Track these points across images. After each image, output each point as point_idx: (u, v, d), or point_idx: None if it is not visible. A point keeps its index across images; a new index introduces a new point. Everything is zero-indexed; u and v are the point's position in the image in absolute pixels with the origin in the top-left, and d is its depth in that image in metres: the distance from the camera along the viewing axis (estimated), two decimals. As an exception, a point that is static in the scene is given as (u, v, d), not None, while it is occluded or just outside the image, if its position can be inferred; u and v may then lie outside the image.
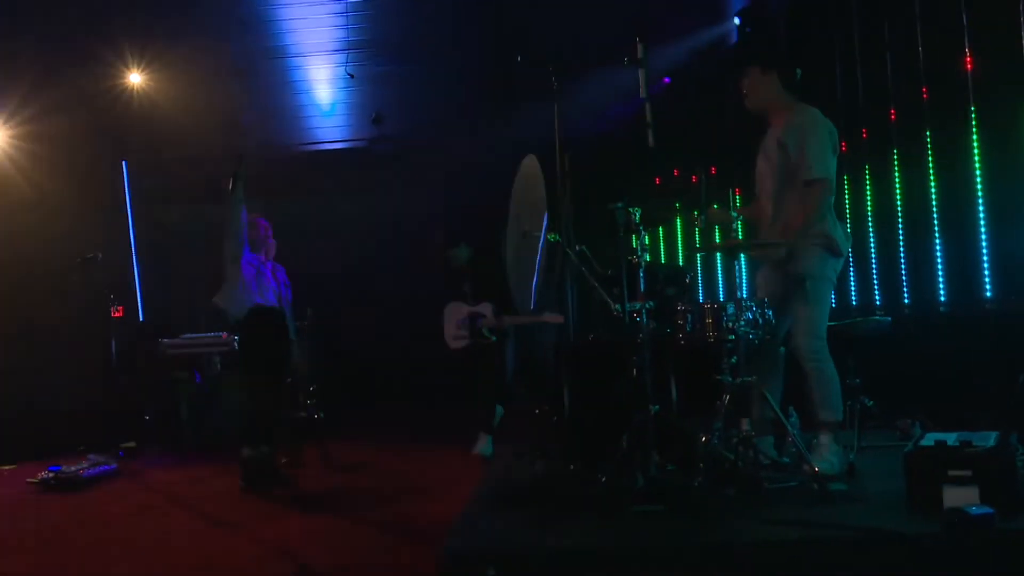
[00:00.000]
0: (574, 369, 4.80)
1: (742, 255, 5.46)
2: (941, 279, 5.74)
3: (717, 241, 6.01)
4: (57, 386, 7.86)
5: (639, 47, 4.53)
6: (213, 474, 6.37)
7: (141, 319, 9.42)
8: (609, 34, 8.98)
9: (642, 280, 4.50)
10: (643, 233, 4.56)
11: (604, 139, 4.83)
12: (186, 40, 8.33)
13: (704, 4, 8.64)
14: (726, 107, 8.30)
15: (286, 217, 10.23)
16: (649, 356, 4.39)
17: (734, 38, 8.72)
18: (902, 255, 6.14)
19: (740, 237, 4.34)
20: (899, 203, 6.14)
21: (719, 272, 8.37)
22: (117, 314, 8.66)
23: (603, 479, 4.32)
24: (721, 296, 8.00)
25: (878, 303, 6.29)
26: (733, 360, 4.48)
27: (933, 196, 5.81)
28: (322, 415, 6.70)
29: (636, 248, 4.55)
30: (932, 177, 5.81)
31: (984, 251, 5.40)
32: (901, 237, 6.13)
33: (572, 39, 9.03)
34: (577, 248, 4.94)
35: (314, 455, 6.49)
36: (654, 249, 8.33)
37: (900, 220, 6.14)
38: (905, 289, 6.08)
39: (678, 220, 8.62)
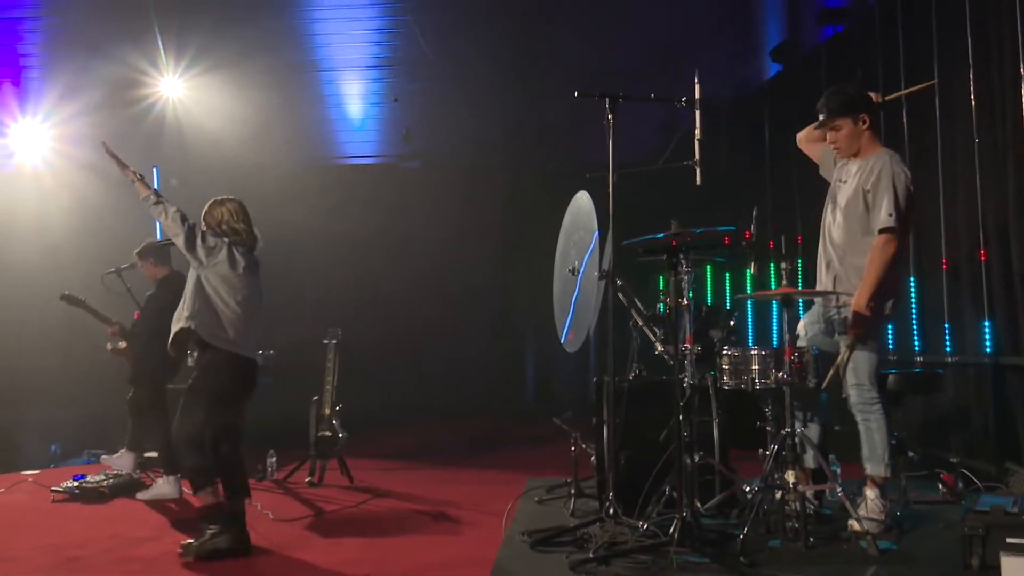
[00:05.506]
0: (615, 406, 4.69)
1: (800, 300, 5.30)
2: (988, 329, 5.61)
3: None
4: (81, 391, 7.99)
5: (696, 87, 4.47)
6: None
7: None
8: (641, 64, 9.07)
9: (688, 322, 4.45)
10: (691, 274, 4.50)
11: (648, 173, 4.73)
12: (220, 51, 8.34)
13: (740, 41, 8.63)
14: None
15: (314, 232, 10.38)
16: (694, 399, 4.32)
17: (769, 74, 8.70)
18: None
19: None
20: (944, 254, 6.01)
21: (774, 316, 8.09)
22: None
23: (643, 525, 4.23)
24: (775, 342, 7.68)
25: (917, 349, 6.15)
26: (777, 407, 4.43)
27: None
28: (346, 435, 6.65)
29: (684, 289, 4.48)
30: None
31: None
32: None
33: (613, 65, 9.02)
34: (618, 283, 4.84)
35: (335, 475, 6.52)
36: (700, 290, 8.01)
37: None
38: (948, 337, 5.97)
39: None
